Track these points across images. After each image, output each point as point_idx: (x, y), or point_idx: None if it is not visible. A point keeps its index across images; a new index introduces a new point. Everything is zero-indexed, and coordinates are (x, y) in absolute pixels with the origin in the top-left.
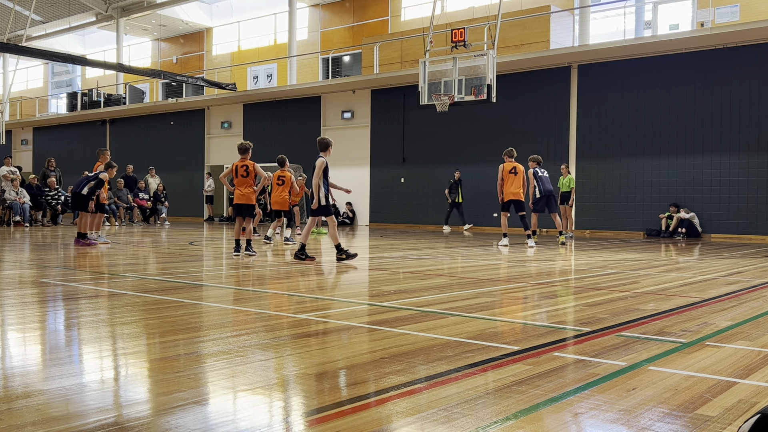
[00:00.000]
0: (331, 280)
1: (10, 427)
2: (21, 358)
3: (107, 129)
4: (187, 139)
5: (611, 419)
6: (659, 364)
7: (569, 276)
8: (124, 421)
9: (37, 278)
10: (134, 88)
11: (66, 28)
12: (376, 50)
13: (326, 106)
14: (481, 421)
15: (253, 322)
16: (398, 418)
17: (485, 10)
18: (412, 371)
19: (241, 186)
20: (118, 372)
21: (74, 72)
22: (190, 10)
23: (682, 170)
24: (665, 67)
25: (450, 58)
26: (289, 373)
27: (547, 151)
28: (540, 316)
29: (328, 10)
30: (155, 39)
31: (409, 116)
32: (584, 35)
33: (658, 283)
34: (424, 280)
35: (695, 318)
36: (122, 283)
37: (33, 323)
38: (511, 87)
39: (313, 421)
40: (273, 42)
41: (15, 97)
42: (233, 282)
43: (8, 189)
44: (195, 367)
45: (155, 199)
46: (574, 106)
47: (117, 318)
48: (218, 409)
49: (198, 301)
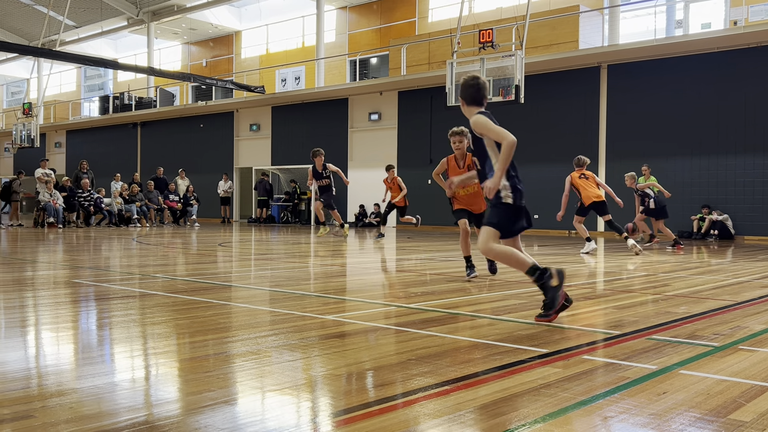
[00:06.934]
0: (359, 281)
1: (44, 424)
2: (54, 357)
3: (138, 132)
4: (217, 141)
5: (642, 423)
6: (691, 368)
7: (599, 278)
8: (154, 420)
9: (70, 279)
10: (165, 91)
11: (98, 33)
12: (404, 52)
13: (353, 108)
14: (509, 423)
15: (281, 323)
16: (426, 420)
17: (513, 11)
18: (439, 373)
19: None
20: (149, 371)
21: (106, 76)
22: (220, 13)
23: (714, 171)
24: (697, 67)
25: (477, 59)
26: (316, 374)
27: (576, 152)
28: (569, 319)
29: (356, 12)
30: (185, 42)
31: (436, 118)
32: (614, 35)
33: (690, 286)
34: (451, 282)
35: (728, 321)
36: (153, 283)
37: (66, 323)
38: (540, 88)
39: (341, 422)
40: (301, 45)
41: (49, 100)
42: (261, 283)
43: (42, 191)
44: (224, 367)
45: (185, 201)
46: (603, 107)
47: (147, 318)
48: (246, 409)
49: (227, 302)
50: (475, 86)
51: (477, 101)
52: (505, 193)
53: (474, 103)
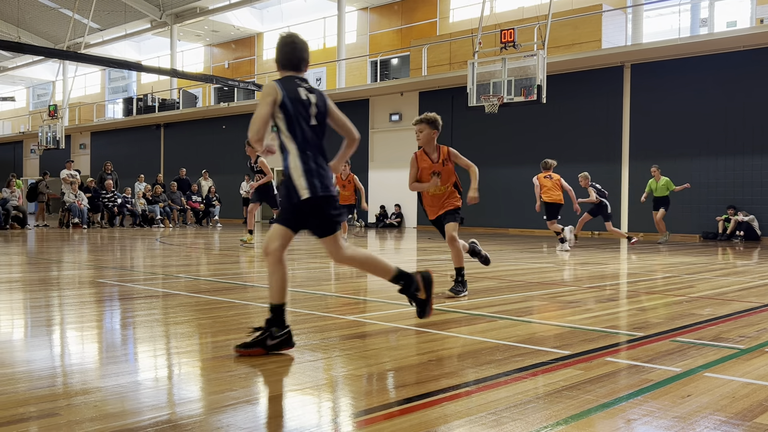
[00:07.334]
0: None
1: (69, 422)
2: (79, 355)
3: (161, 133)
4: (239, 142)
5: (666, 426)
6: (716, 370)
7: (622, 279)
8: (177, 418)
9: (95, 279)
10: (187, 93)
11: (122, 35)
12: (425, 52)
13: (374, 109)
14: (531, 425)
15: (302, 323)
16: (447, 421)
17: (535, 10)
18: (460, 374)
19: None
20: (172, 371)
21: (130, 78)
22: (242, 15)
23: (740, 171)
24: (722, 66)
25: (499, 59)
26: (337, 374)
27: (599, 153)
28: (591, 320)
29: (377, 13)
30: (208, 44)
31: (457, 118)
32: (637, 34)
33: (715, 288)
34: (472, 283)
35: (754, 324)
36: (176, 283)
37: (91, 322)
38: (562, 87)
39: (362, 422)
40: (322, 46)
41: (74, 102)
42: None
43: (68, 192)
44: (246, 366)
45: (207, 202)
46: (627, 107)
47: (170, 318)
48: (268, 409)
49: (249, 302)
50: (290, 44)
51: (293, 64)
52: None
53: (286, 67)
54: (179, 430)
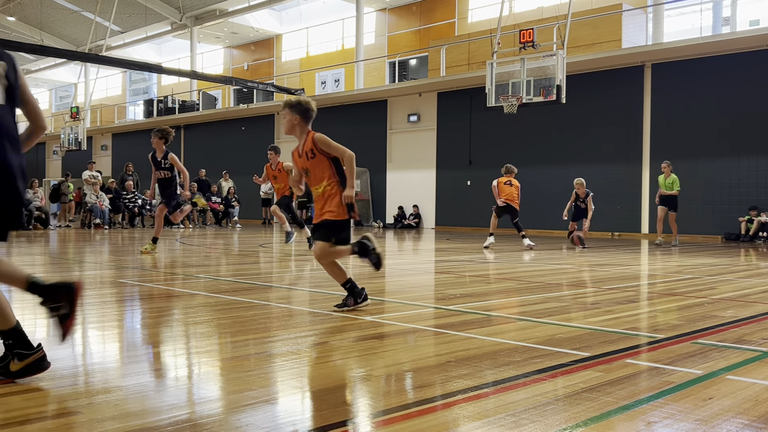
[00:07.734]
0: (398, 283)
1: (91, 421)
2: (100, 355)
3: (182, 134)
4: (258, 143)
5: (687, 429)
6: (738, 373)
7: (642, 281)
8: (196, 418)
9: (116, 278)
10: (207, 94)
11: (143, 38)
12: (443, 53)
13: (392, 110)
14: (550, 427)
15: (321, 323)
16: (465, 423)
17: (554, 10)
18: (479, 375)
19: None
20: (191, 370)
21: (150, 80)
22: (261, 17)
23: (763, 172)
24: (745, 65)
25: (518, 59)
26: (355, 375)
27: (619, 153)
28: (611, 322)
29: (395, 14)
30: (227, 46)
31: (475, 118)
32: (658, 33)
33: (737, 289)
34: (490, 284)
35: None
36: (195, 284)
37: (112, 322)
38: (582, 87)
39: (380, 422)
40: (341, 47)
41: (95, 104)
42: (301, 284)
43: (89, 192)
44: (265, 366)
45: (226, 203)
46: (647, 107)
47: (190, 317)
48: (287, 408)
49: (268, 302)
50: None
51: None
52: None
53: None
54: (198, 429)
